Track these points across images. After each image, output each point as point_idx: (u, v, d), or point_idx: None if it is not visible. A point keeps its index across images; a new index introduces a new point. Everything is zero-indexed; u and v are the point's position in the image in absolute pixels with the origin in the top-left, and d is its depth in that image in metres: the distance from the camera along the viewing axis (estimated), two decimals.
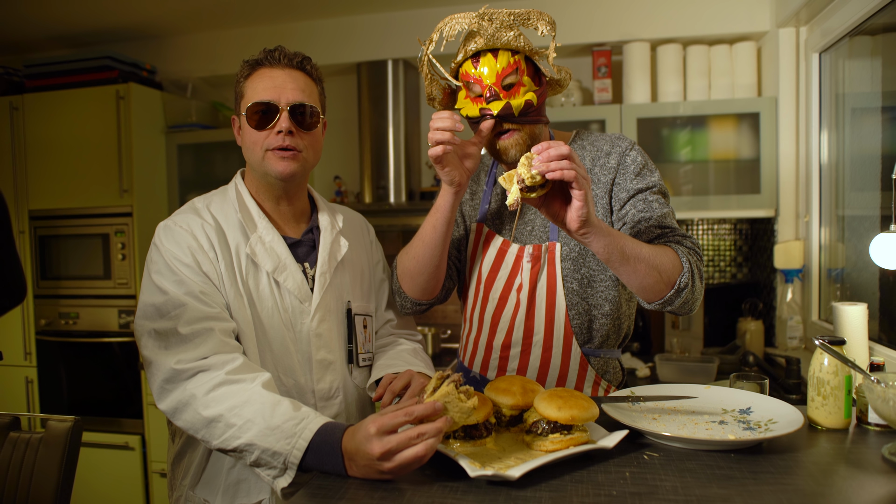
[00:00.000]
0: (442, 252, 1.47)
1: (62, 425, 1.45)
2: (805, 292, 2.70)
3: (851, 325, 1.81)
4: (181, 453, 1.38)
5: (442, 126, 1.30)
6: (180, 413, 1.20)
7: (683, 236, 1.39)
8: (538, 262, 1.48)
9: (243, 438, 1.14)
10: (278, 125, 1.33)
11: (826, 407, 1.21)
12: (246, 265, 1.35)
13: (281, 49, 1.38)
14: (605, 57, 3.01)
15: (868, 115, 2.39)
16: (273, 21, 3.38)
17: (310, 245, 1.46)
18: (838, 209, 2.56)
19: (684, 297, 1.31)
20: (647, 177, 1.46)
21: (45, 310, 3.28)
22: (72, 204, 3.20)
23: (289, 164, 1.35)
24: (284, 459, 1.12)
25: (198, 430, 1.19)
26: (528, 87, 1.39)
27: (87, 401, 3.23)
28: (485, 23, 1.34)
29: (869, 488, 0.98)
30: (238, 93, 1.40)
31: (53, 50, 3.70)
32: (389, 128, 3.25)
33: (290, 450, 1.11)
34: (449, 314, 3.43)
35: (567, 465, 1.06)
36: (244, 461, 1.18)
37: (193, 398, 1.18)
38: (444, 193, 1.42)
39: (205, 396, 1.18)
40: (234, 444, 1.15)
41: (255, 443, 1.13)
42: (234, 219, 1.38)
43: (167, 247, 1.31)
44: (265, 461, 1.14)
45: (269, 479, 1.15)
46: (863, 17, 2.18)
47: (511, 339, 1.50)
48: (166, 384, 1.21)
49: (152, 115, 3.32)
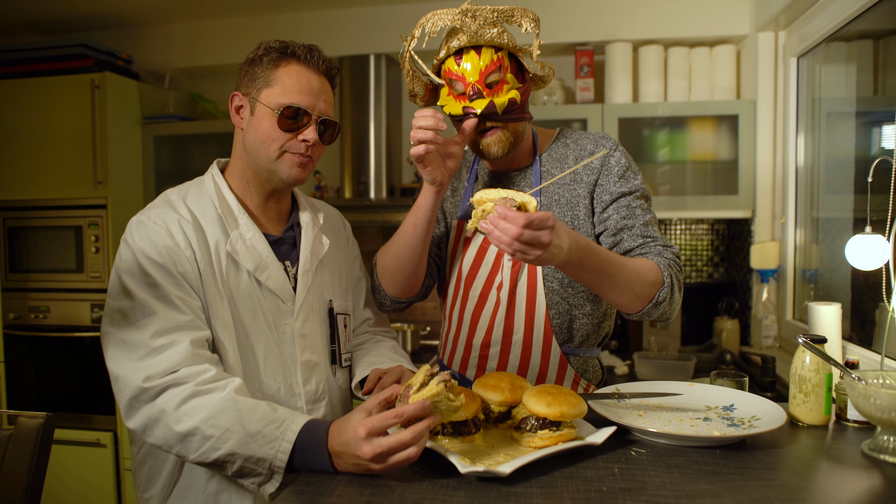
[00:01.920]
0: (422, 250, 1.46)
1: (33, 422, 1.40)
2: (780, 292, 2.75)
3: (826, 325, 1.85)
4: (142, 461, 1.32)
5: (424, 125, 1.29)
6: (151, 430, 1.14)
7: (665, 246, 1.40)
8: (518, 262, 1.47)
9: (223, 449, 1.10)
10: (305, 134, 1.29)
11: (807, 404, 1.23)
12: (226, 264, 1.28)
13: (319, 50, 1.33)
14: (587, 56, 3.03)
15: (842, 119, 2.45)
16: (255, 13, 3.33)
17: (290, 243, 1.42)
18: (813, 211, 2.61)
19: (662, 310, 1.35)
20: (631, 180, 1.46)
21: (13, 303, 3.19)
22: (43, 195, 3.12)
23: (303, 171, 1.32)
24: (270, 465, 1.09)
25: (172, 447, 1.14)
26: (511, 84, 1.38)
27: (57, 397, 3.15)
28: (468, 19, 1.32)
29: (851, 483, 1.00)
30: (261, 76, 1.31)
31: (25, 36, 3.60)
32: (371, 123, 3.23)
33: (274, 454, 1.08)
34: (428, 311, 3.43)
35: (556, 462, 1.07)
36: (225, 472, 1.14)
37: (164, 413, 1.12)
38: (426, 192, 1.40)
39: (175, 411, 1.12)
40: (213, 457, 1.11)
41: (236, 452, 1.10)
42: (212, 214, 1.31)
43: (139, 245, 1.23)
44: (249, 469, 1.10)
45: (254, 487, 1.12)
46: (840, 24, 2.23)
47: (491, 337, 1.50)
48: (134, 402, 1.15)
49: (128, 106, 3.24)
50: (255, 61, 1.33)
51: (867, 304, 2.14)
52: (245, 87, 1.34)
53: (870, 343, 2.04)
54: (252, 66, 1.33)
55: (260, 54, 1.32)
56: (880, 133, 2.21)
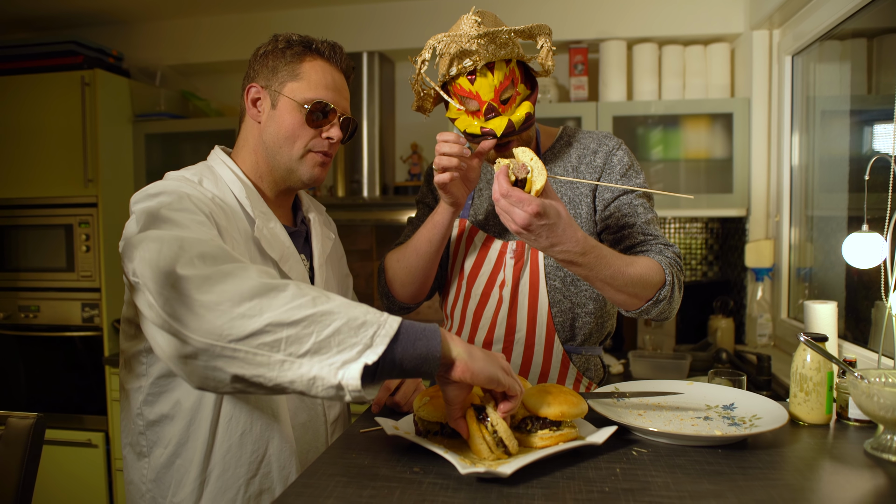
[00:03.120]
0: (435, 262, 1.47)
1: (24, 422, 1.38)
2: (775, 291, 2.75)
3: (822, 323, 1.85)
4: (169, 462, 1.21)
5: (449, 152, 1.26)
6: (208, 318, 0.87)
7: (666, 245, 1.39)
8: (521, 259, 1.47)
9: (321, 306, 0.88)
10: (330, 132, 1.27)
11: (808, 403, 1.23)
12: (252, 252, 1.22)
13: (341, 48, 1.31)
14: (581, 54, 3.02)
15: (837, 118, 2.45)
16: (247, 10, 3.30)
17: (303, 236, 1.41)
18: (808, 209, 2.61)
19: (661, 309, 1.34)
20: (633, 178, 1.46)
21: (3, 302, 3.15)
22: (33, 193, 3.08)
23: (323, 170, 1.30)
24: (374, 332, 0.88)
25: (235, 323, 0.86)
26: (522, 94, 1.35)
27: (47, 397, 3.12)
28: (483, 42, 1.26)
29: (854, 482, 1.00)
30: (284, 69, 1.27)
31: (14, 32, 3.56)
32: (364, 121, 3.21)
33: (382, 320, 0.89)
34: (422, 309, 3.41)
35: (557, 462, 1.05)
36: (303, 347, 0.86)
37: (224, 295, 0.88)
38: (443, 211, 1.40)
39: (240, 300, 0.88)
40: (303, 313, 0.87)
41: (334, 311, 0.88)
42: (232, 201, 1.24)
43: (175, 186, 1.11)
44: (344, 336, 0.86)
45: (340, 362, 0.86)
46: (834, 23, 2.23)
47: (493, 335, 1.49)
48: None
49: (119, 103, 3.21)
50: (274, 53, 1.28)
51: (861, 303, 2.14)
52: (264, 79, 1.29)
53: (864, 341, 2.05)
54: (272, 59, 1.28)
55: (281, 47, 1.28)
56: (873, 132, 2.21)
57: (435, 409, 1.10)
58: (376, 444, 1.15)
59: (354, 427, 1.25)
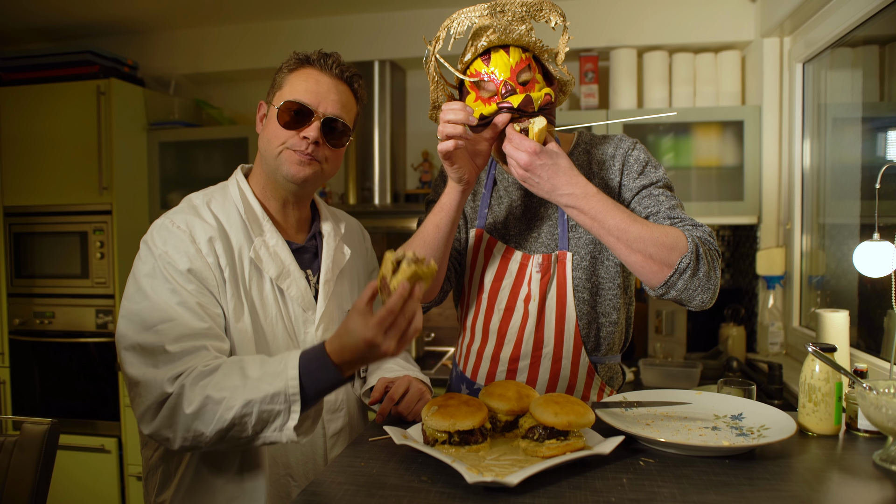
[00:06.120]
0: (444, 252, 1.39)
1: (38, 428, 1.40)
2: (786, 299, 2.74)
3: (834, 332, 1.84)
4: (156, 466, 1.31)
5: (454, 119, 1.21)
6: (169, 426, 1.12)
7: (695, 225, 1.33)
8: (548, 273, 1.43)
9: (236, 405, 1.08)
10: (307, 132, 1.28)
11: (817, 413, 1.22)
12: (249, 270, 1.28)
13: (336, 56, 1.34)
14: (592, 62, 3.03)
15: (848, 125, 2.44)
16: (259, 19, 3.34)
17: (312, 252, 1.42)
18: (819, 217, 2.60)
19: (685, 284, 1.24)
20: (651, 173, 1.43)
21: (19, 309, 3.20)
22: (49, 201, 3.13)
23: (303, 168, 1.30)
24: (284, 395, 1.07)
25: (190, 434, 1.11)
26: (541, 84, 1.33)
27: (62, 402, 3.16)
28: (496, 15, 1.27)
29: (863, 494, 0.99)
30: (276, 82, 1.34)
31: (32, 43, 3.62)
32: (375, 129, 3.24)
33: (284, 383, 1.07)
34: (432, 316, 3.42)
35: (564, 471, 1.06)
36: (247, 434, 1.10)
37: (178, 405, 1.11)
38: (451, 191, 1.34)
39: (187, 395, 1.11)
40: (230, 416, 1.08)
41: (249, 399, 1.08)
42: (237, 219, 1.30)
43: (162, 249, 1.22)
44: (267, 412, 1.08)
45: (277, 433, 1.09)
46: (845, 30, 2.22)
47: (520, 351, 1.45)
48: (156, 406, 1.13)
49: (134, 112, 3.26)
50: (279, 71, 1.36)
51: (874, 311, 2.12)
52: (268, 94, 1.37)
53: (877, 350, 2.03)
54: (276, 75, 1.36)
55: (282, 64, 1.36)
56: (886, 139, 2.20)
57: (443, 418, 1.10)
58: (384, 452, 1.16)
59: (363, 436, 1.26)
